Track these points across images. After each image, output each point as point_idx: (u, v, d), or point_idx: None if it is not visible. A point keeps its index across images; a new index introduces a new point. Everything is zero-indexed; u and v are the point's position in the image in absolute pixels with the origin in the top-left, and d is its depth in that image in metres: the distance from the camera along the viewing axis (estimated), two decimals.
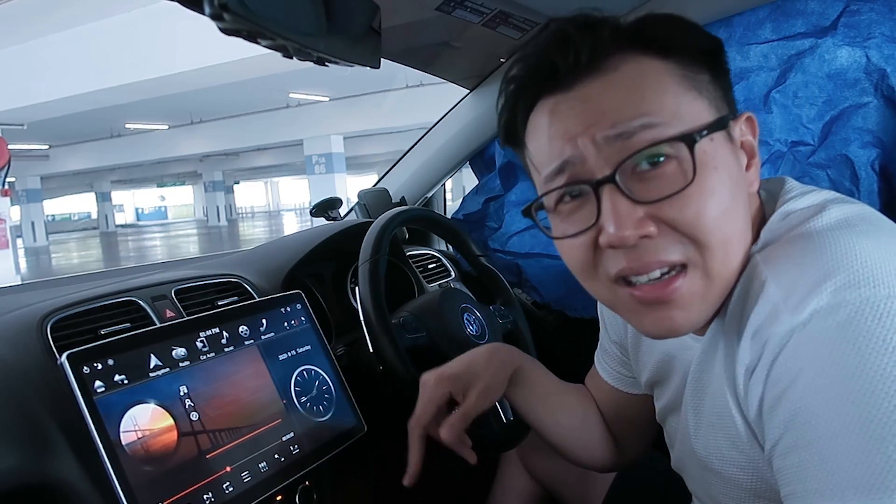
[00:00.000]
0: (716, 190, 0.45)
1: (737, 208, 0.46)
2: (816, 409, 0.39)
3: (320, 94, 13.64)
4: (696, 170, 0.43)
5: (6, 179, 9.63)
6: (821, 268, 0.41)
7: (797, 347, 0.40)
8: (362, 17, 0.68)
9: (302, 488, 0.80)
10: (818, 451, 0.38)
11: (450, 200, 1.76)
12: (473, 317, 0.97)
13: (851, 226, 0.44)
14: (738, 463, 0.49)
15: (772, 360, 0.42)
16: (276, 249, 1.09)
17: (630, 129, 0.44)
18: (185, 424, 0.69)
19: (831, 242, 0.42)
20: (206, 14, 0.52)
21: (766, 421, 0.43)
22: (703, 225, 0.44)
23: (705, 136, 0.45)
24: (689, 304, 0.46)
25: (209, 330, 0.78)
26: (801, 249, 0.43)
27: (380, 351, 0.83)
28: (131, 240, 21.41)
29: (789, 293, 0.41)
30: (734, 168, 0.47)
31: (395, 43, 0.96)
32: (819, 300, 0.40)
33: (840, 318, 0.38)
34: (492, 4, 0.87)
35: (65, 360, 0.64)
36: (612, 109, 0.45)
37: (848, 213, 0.45)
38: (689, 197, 0.44)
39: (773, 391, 0.42)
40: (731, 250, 0.46)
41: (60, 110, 10.94)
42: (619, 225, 0.44)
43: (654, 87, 0.46)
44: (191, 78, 9.16)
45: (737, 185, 0.47)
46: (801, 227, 0.46)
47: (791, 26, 0.96)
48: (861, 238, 0.42)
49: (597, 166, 0.46)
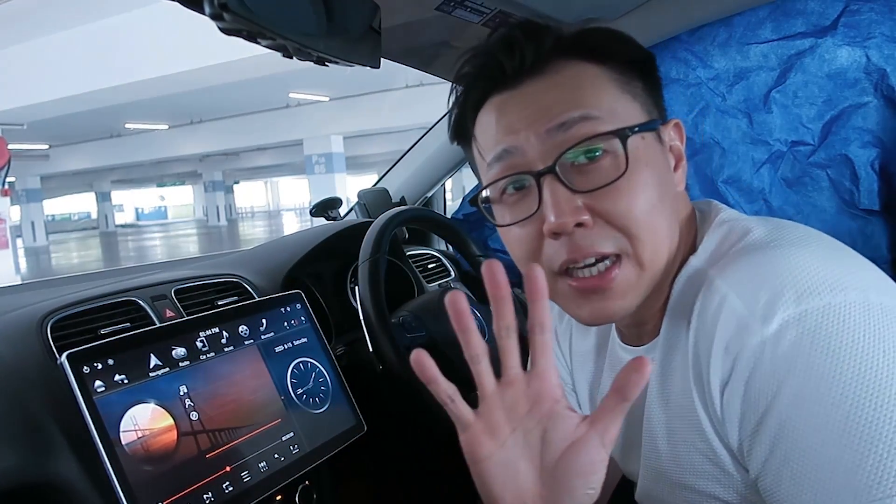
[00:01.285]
0: (647, 184, 0.48)
1: (664, 204, 0.50)
2: (802, 421, 0.39)
3: (320, 94, 13.64)
4: (628, 163, 0.47)
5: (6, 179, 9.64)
6: (778, 279, 0.42)
7: (773, 361, 0.41)
8: (362, 17, 0.68)
9: (302, 488, 0.80)
10: (810, 463, 0.39)
11: (450, 200, 1.75)
12: (473, 317, 0.96)
13: (790, 238, 0.46)
14: (713, 476, 0.49)
15: (748, 375, 0.42)
16: (276, 249, 1.09)
17: (570, 119, 0.48)
18: (184, 424, 0.69)
19: (780, 254, 0.44)
20: (206, 14, 0.52)
21: (752, 439, 0.43)
22: (633, 216, 0.48)
23: (637, 133, 0.48)
24: (625, 293, 0.49)
25: (209, 330, 0.78)
26: (754, 263, 0.45)
27: (379, 350, 0.83)
28: (131, 240, 21.41)
29: (753, 305, 0.42)
30: (663, 167, 0.51)
31: (395, 43, 0.96)
32: (785, 310, 0.41)
33: (808, 327, 0.40)
34: (492, 4, 0.87)
35: (65, 359, 0.64)
36: (554, 105, 0.49)
37: (779, 225, 0.49)
38: (620, 189, 0.47)
39: (755, 408, 0.42)
40: (659, 241, 0.49)
41: (60, 110, 10.93)
42: (559, 212, 0.47)
43: (593, 86, 0.50)
44: (191, 78, 9.16)
45: (665, 182, 0.51)
46: (745, 240, 0.48)
47: (791, 26, 0.96)
48: (804, 250, 0.44)
49: (538, 158, 0.49)
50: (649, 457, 0.57)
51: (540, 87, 0.50)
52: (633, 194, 0.48)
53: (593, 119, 0.48)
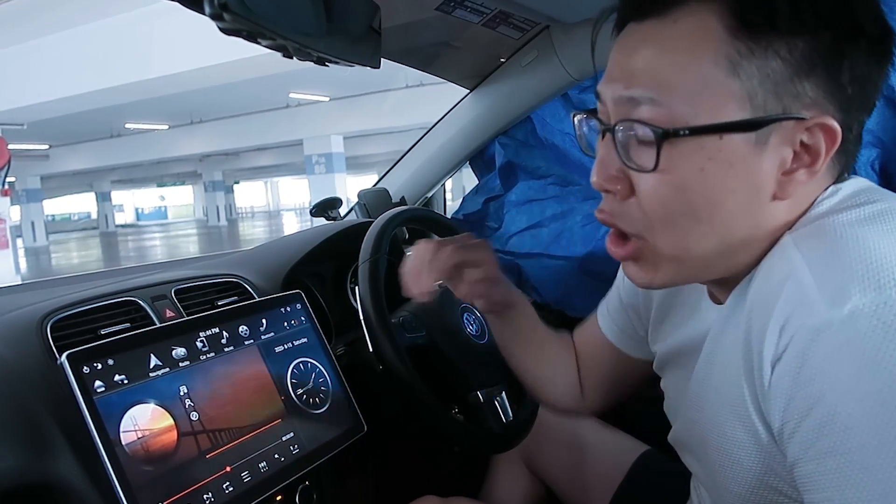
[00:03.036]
0: (686, 187, 0.44)
1: (703, 225, 0.45)
2: (857, 416, 0.37)
3: (320, 94, 13.63)
4: (658, 163, 0.44)
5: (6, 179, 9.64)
6: (861, 262, 0.39)
7: (836, 346, 0.38)
8: (362, 17, 0.68)
9: (302, 488, 0.80)
10: (859, 460, 0.37)
11: (450, 200, 1.75)
12: (473, 317, 0.97)
13: (894, 221, 0.42)
14: (742, 443, 0.47)
15: (804, 356, 0.39)
16: (276, 249, 1.09)
17: (640, 97, 0.45)
18: (185, 424, 0.69)
19: (873, 237, 0.40)
20: (206, 14, 0.52)
21: (798, 423, 0.40)
22: (650, 220, 0.46)
23: (686, 135, 0.43)
24: (645, 267, 0.50)
25: (209, 330, 0.78)
26: (840, 239, 0.41)
27: (379, 350, 0.83)
28: (131, 240, 21.40)
29: (825, 283, 0.39)
30: (743, 173, 0.44)
31: (395, 43, 0.96)
32: (861, 297, 0.37)
33: (884, 319, 0.36)
34: (492, 4, 0.87)
35: (65, 360, 0.64)
36: (636, 72, 0.45)
37: (891, 207, 0.43)
38: (649, 184, 0.46)
39: (807, 391, 0.39)
40: (687, 257, 0.47)
41: (60, 110, 10.93)
42: (598, 171, 0.48)
43: (689, 60, 0.43)
44: (191, 78, 9.15)
45: (734, 190, 0.44)
46: (842, 214, 0.43)
47: None
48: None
49: (612, 112, 0.48)
50: (688, 408, 0.56)
51: (647, 37, 0.45)
52: (664, 191, 0.45)
53: (661, 106, 0.44)
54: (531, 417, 0.96)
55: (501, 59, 1.18)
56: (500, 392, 0.94)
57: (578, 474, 0.98)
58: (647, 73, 0.45)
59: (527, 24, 0.96)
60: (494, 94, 1.27)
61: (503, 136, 1.31)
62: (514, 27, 0.96)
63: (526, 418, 0.95)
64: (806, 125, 0.43)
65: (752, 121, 0.43)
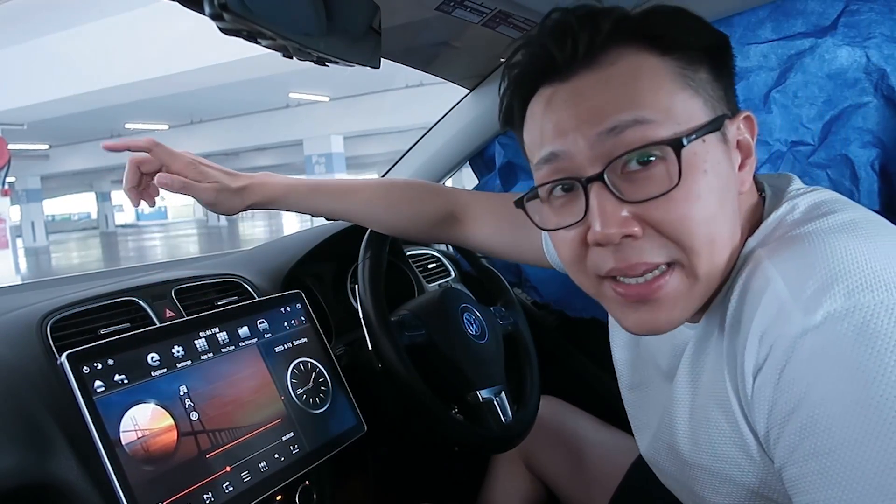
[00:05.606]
0: (703, 193, 0.45)
1: (724, 210, 0.46)
2: (836, 416, 0.38)
3: (320, 94, 13.64)
4: (681, 174, 0.44)
5: (6, 179, 9.64)
6: (831, 269, 0.40)
7: (812, 352, 0.39)
8: (362, 17, 0.68)
9: (302, 488, 0.80)
10: (840, 459, 0.37)
11: None
12: (473, 317, 0.97)
13: (858, 229, 0.43)
14: (733, 460, 0.48)
15: (783, 363, 0.40)
16: (276, 249, 1.09)
17: (622, 122, 0.45)
18: (184, 424, 0.69)
19: (840, 245, 0.41)
20: (206, 14, 0.52)
21: (780, 428, 0.41)
22: (688, 228, 0.45)
23: (695, 139, 0.45)
24: (674, 304, 0.47)
25: (209, 330, 0.78)
26: (810, 249, 0.42)
27: (378, 348, 0.83)
28: (131, 240, 21.40)
29: (799, 292, 0.40)
30: (725, 170, 0.47)
31: (395, 43, 0.96)
32: (833, 302, 0.39)
33: (856, 322, 0.38)
34: (492, 4, 0.87)
35: (65, 359, 0.64)
36: (605, 105, 0.45)
37: (854, 216, 0.45)
38: (674, 200, 0.44)
39: (788, 397, 0.40)
40: (717, 251, 0.46)
41: (60, 110, 10.94)
42: (605, 223, 0.45)
43: (649, 84, 0.45)
44: (191, 78, 9.16)
45: (726, 187, 0.47)
46: (808, 225, 0.45)
47: (791, 26, 0.95)
48: (868, 242, 0.41)
49: (587, 162, 0.46)
50: (663, 432, 0.57)
51: (592, 82, 0.46)
52: (688, 205, 0.44)
53: (647, 123, 0.44)
54: (531, 417, 0.96)
55: (501, 59, 1.18)
56: (499, 392, 0.94)
57: (578, 474, 0.98)
58: (618, 100, 0.45)
59: (527, 24, 0.96)
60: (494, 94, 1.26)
61: (503, 136, 1.31)
62: (514, 27, 0.96)
63: (526, 418, 0.95)
64: (739, 120, 0.49)
65: (716, 119, 0.47)
